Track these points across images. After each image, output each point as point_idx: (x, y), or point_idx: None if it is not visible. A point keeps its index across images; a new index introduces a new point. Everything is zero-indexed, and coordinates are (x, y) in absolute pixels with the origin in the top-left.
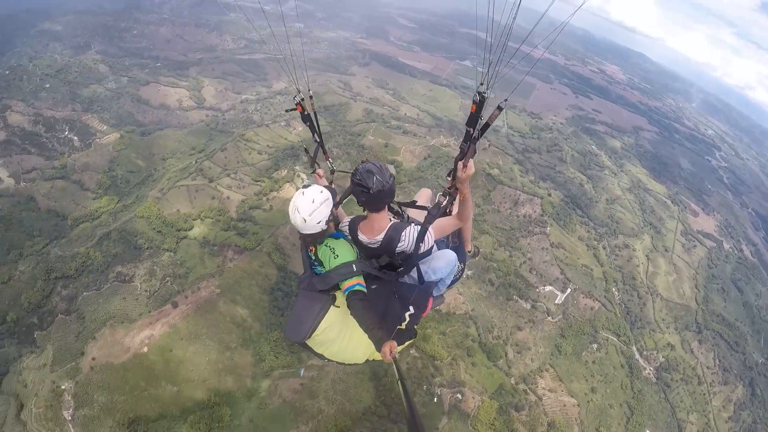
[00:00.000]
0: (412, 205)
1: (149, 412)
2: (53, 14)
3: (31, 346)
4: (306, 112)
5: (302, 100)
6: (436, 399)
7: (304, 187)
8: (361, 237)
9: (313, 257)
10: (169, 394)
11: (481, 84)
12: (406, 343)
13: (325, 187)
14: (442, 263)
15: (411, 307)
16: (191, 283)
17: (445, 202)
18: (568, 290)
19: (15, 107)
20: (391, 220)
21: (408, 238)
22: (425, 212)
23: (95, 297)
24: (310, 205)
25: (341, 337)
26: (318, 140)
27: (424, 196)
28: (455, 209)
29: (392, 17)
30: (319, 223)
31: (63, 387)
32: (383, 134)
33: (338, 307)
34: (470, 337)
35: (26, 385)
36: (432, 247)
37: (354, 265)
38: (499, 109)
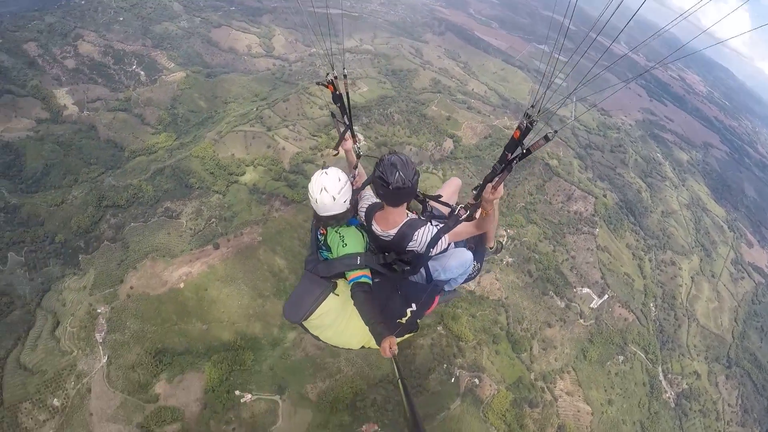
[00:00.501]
0: (436, 199)
1: (176, 345)
2: None
3: (74, 268)
4: (338, 92)
5: (335, 78)
6: (453, 379)
7: (324, 168)
8: (375, 227)
9: (322, 240)
10: (198, 331)
11: (532, 106)
12: (406, 336)
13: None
14: (455, 263)
15: (413, 304)
16: (235, 228)
17: (464, 216)
18: (606, 296)
19: (87, 37)
20: (408, 216)
21: (420, 238)
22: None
23: (141, 228)
24: (337, 184)
25: (337, 323)
26: (347, 123)
27: (451, 187)
28: (477, 215)
29: None
30: (345, 202)
31: (99, 310)
32: (447, 107)
33: (337, 295)
34: (499, 324)
35: (65, 304)
36: (446, 247)
37: (360, 258)
38: (546, 139)
